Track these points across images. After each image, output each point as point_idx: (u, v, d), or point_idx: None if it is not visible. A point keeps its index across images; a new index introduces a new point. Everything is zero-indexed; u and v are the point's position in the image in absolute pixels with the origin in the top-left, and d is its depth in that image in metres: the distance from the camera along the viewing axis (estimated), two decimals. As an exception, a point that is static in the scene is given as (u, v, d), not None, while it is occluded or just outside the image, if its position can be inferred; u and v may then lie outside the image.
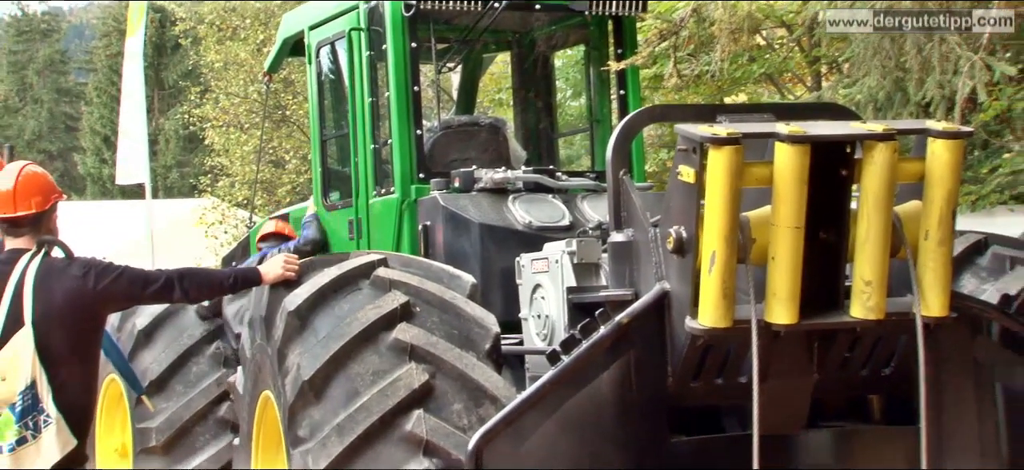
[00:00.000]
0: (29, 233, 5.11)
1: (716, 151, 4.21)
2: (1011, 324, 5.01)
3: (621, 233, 5.08)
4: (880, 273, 4.39)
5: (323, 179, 7.84)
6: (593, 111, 7.99)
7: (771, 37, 13.42)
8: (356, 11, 7.17)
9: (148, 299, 5.66)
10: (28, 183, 5.13)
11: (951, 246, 4.49)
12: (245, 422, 6.02)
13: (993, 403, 4.95)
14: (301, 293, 5.26)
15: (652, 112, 6.05)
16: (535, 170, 7.20)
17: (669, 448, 4.70)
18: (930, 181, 4.40)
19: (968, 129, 4.60)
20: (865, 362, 4.80)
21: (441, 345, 5.02)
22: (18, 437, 4.82)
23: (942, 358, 4.70)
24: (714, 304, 4.32)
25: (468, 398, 4.91)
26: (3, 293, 4.95)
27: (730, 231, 4.28)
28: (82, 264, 5.10)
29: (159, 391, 7.25)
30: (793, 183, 4.24)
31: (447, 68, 8.50)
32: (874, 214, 4.35)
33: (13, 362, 4.84)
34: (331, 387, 4.95)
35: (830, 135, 4.39)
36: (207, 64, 24.51)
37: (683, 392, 4.70)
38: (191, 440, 7.18)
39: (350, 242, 7.26)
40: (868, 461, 4.97)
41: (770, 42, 13.43)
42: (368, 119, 7.12)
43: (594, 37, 7.76)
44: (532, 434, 4.52)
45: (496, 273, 6.37)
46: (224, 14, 22.70)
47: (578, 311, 5.43)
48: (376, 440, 4.81)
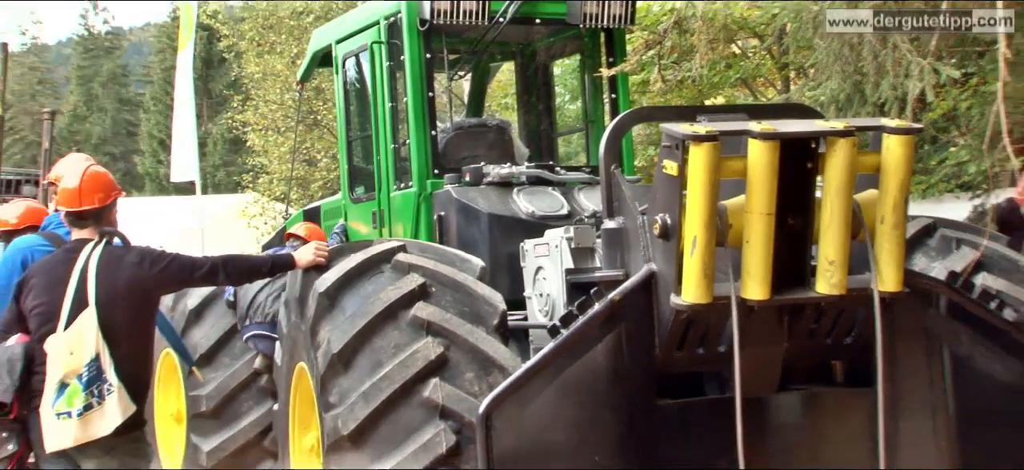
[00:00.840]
0: (92, 225, 5.16)
1: (696, 147, 4.20)
2: (957, 297, 4.98)
3: (613, 221, 5.07)
4: (842, 254, 4.38)
5: (350, 175, 7.83)
6: (588, 113, 7.97)
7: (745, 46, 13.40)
8: (377, 26, 7.15)
9: (196, 283, 5.69)
10: (91, 181, 5.17)
11: (904, 229, 4.49)
12: (283, 390, 6.02)
13: (941, 367, 4.92)
14: (330, 276, 5.26)
15: (640, 113, 6.04)
16: (537, 166, 7.19)
17: (656, 410, 4.67)
18: (885, 172, 4.40)
19: (918, 126, 4.61)
20: (829, 332, 4.78)
21: (454, 321, 5.01)
22: (85, 404, 4.83)
23: (896, 328, 4.68)
24: (696, 282, 4.31)
25: (478, 368, 4.91)
26: (70, 278, 4.96)
27: (709, 218, 4.26)
28: (138, 252, 5.14)
29: (208, 363, 7.26)
30: (765, 175, 4.22)
31: (458, 76, 8.50)
32: (836, 201, 4.34)
33: (80, 338, 4.85)
34: (357, 359, 4.95)
35: (797, 132, 4.37)
36: (248, 75, 24.56)
37: (668, 361, 4.68)
38: (236, 406, 7.19)
39: (374, 230, 7.25)
40: (832, 419, 4.95)
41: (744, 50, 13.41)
42: (389, 122, 7.10)
43: (588, 47, 7.72)
44: (535, 399, 4.51)
45: (503, 257, 6.34)
46: (262, 31, 22.75)
47: (575, 290, 5.43)
48: (398, 405, 4.81)
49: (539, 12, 7.18)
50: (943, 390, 4.91)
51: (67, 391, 4.85)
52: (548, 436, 4.52)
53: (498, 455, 4.40)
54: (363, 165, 7.66)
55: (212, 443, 7.18)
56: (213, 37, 34.92)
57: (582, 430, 4.56)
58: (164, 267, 5.14)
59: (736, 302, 4.33)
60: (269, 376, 7.05)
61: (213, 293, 7.42)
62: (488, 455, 4.39)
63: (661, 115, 6.39)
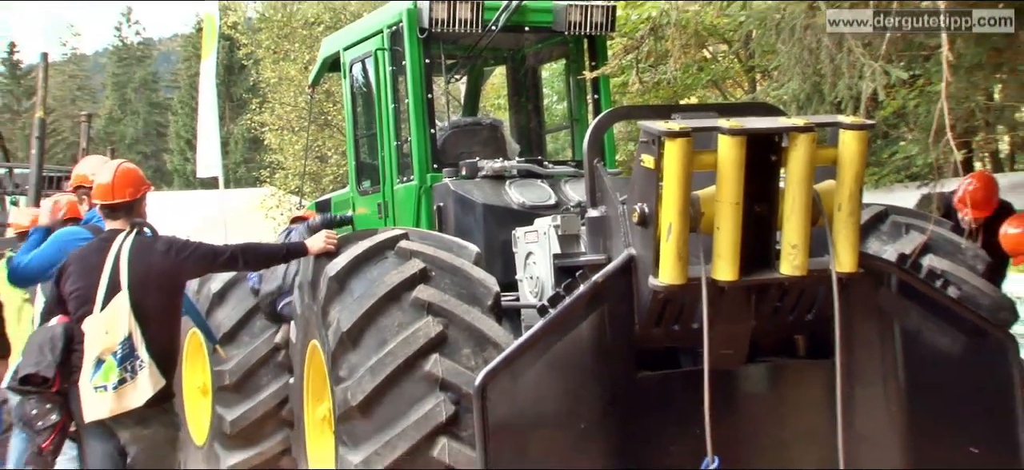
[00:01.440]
0: (123, 217, 5.19)
1: (671, 143, 4.18)
2: (906, 277, 4.97)
3: (596, 210, 5.06)
4: (803, 238, 4.36)
5: (357, 170, 7.79)
6: (572, 112, 7.94)
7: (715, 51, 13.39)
8: (381, 34, 7.11)
9: (218, 268, 5.71)
10: (123, 177, 5.20)
11: (859, 216, 4.47)
12: (298, 366, 5.99)
13: (892, 340, 4.91)
14: (339, 262, 5.23)
15: (619, 112, 6.03)
16: (527, 160, 7.15)
17: (636, 381, 4.66)
18: (841, 164, 4.38)
19: (871, 122, 4.58)
20: (792, 310, 4.76)
21: (452, 302, 4.99)
22: (119, 378, 4.86)
23: (852, 305, 4.66)
24: (671, 265, 4.29)
25: (475, 344, 4.89)
26: (104, 265, 4.98)
27: (683, 206, 4.25)
28: (165, 242, 5.17)
29: (230, 341, 7.23)
30: (733, 167, 4.21)
31: (455, 79, 8.46)
32: (797, 191, 4.32)
33: (114, 319, 4.87)
34: (365, 337, 4.93)
35: (762, 129, 4.35)
36: (265, 80, 24.56)
37: (647, 336, 4.67)
38: (256, 380, 7.16)
39: (379, 220, 7.23)
40: (795, 388, 4.94)
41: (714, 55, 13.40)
42: (392, 121, 7.06)
43: (572, 52, 7.68)
44: (526, 372, 4.49)
45: (496, 244, 6.32)
46: (278, 40, 22.73)
47: (562, 273, 5.40)
48: (401, 378, 4.80)
49: (528, 20, 7.14)
50: (894, 361, 4.90)
51: (103, 367, 4.88)
52: (538, 406, 4.51)
53: (493, 424, 4.39)
54: (369, 161, 7.62)
55: (235, 413, 7.16)
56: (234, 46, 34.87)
57: (569, 400, 4.55)
58: (189, 254, 5.17)
59: (707, 283, 4.32)
60: (286, 352, 7.05)
61: (235, 278, 7.39)
62: (484, 423, 4.38)
63: (639, 113, 6.38)
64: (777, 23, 6.01)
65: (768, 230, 4.48)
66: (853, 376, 4.71)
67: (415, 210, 6.84)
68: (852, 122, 4.38)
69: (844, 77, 5.61)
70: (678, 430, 4.60)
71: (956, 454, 4.88)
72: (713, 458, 4.28)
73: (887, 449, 4.85)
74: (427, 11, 6.73)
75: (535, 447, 4.49)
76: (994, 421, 4.97)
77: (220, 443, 7.30)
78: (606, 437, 4.57)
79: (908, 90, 8.49)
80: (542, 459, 4.49)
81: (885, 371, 4.89)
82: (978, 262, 5.89)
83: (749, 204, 4.29)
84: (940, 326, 4.96)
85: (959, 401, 4.95)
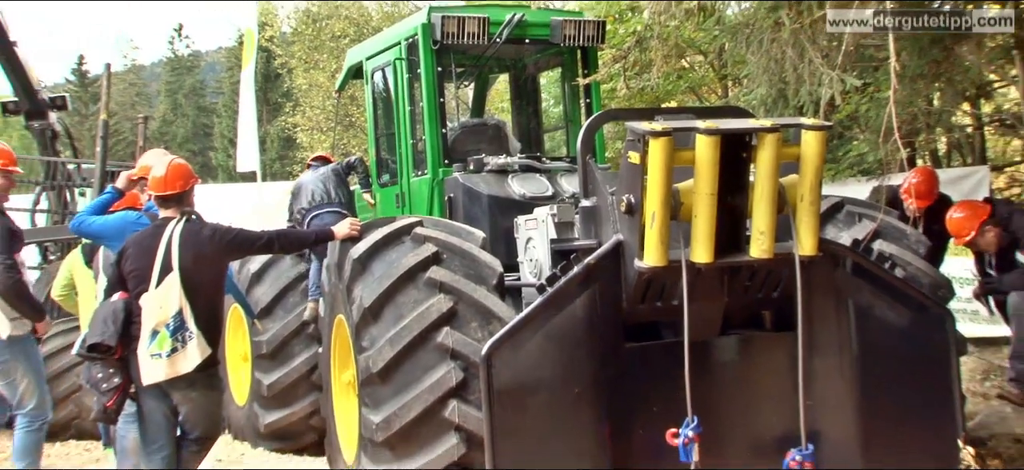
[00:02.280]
0: (174, 206, 5.22)
1: (655, 141, 4.14)
2: (859, 259, 4.94)
3: (588, 200, 5.02)
4: (770, 225, 4.32)
5: (378, 165, 7.73)
6: (567, 113, 7.89)
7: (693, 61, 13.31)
8: (399, 46, 7.05)
9: (256, 252, 5.71)
10: (174, 171, 5.20)
11: (818, 206, 4.43)
12: (326, 337, 5.95)
13: (847, 315, 4.86)
14: (362, 246, 5.19)
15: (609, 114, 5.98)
16: (527, 157, 7.09)
17: (623, 352, 4.61)
18: (803, 161, 4.34)
19: (829, 124, 4.54)
20: (760, 288, 4.71)
21: (461, 281, 4.94)
22: (172, 347, 4.88)
23: (813, 284, 4.61)
24: (655, 249, 4.25)
25: (481, 319, 4.85)
26: (158, 248, 4.98)
27: (665, 197, 4.21)
28: (211, 228, 5.19)
29: (267, 315, 7.22)
30: (708, 163, 4.17)
31: (463, 85, 8.41)
32: (765, 184, 4.28)
33: (166, 296, 4.88)
34: (384, 312, 4.89)
35: (734, 129, 4.30)
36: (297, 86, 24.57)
37: (633, 312, 4.61)
38: (290, 349, 7.14)
39: (397, 209, 7.19)
40: (762, 357, 4.87)
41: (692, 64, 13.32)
42: (408, 122, 7.01)
43: (567, 61, 7.62)
44: (527, 343, 4.45)
45: (500, 230, 6.27)
46: (308, 51, 22.71)
47: (558, 256, 5.36)
48: (416, 348, 4.77)
49: (528, 34, 7.09)
50: (848, 333, 4.86)
51: (158, 337, 4.92)
52: (537, 373, 4.46)
53: (497, 388, 4.36)
54: (388, 157, 7.58)
55: (271, 378, 7.15)
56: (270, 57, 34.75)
57: (564, 367, 4.50)
58: (231, 239, 5.18)
59: (686, 265, 4.29)
60: (315, 325, 7.02)
61: (271, 260, 7.37)
62: (489, 388, 4.35)
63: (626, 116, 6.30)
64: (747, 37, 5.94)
65: (739, 218, 4.44)
66: (813, 347, 4.66)
67: (429, 200, 6.79)
68: (812, 124, 4.35)
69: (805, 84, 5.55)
70: (661, 394, 4.55)
71: (902, 414, 4.85)
72: (692, 418, 4.25)
73: (842, 410, 4.81)
74: (439, 26, 6.68)
75: (534, 409, 4.44)
76: (934, 384, 4.93)
77: (259, 404, 7.29)
78: (597, 400, 4.52)
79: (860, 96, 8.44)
80: (540, 420, 4.44)
81: (841, 342, 4.85)
82: (920, 246, 5.87)
83: (723, 195, 4.25)
84: (888, 302, 4.93)
85: (904, 367, 4.92)
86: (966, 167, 10.40)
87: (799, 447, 4.43)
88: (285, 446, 7.34)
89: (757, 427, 4.73)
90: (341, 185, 7.81)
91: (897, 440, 4.83)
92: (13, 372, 5.59)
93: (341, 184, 7.81)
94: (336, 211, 7.48)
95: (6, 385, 5.62)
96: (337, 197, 7.67)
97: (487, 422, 4.35)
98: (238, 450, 7.54)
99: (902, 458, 4.82)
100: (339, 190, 7.73)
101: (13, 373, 5.61)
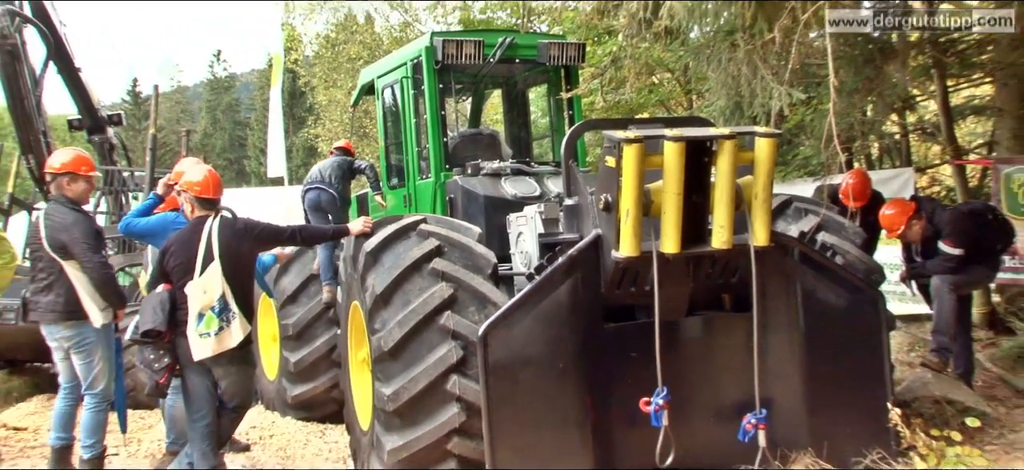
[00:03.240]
0: (210, 207, 5.16)
1: (628, 147, 4.10)
2: (805, 249, 4.90)
3: (571, 199, 4.97)
4: (728, 220, 4.28)
5: (388, 170, 7.65)
6: (553, 124, 7.82)
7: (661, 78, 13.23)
8: (405, 66, 6.97)
9: (282, 243, 5.73)
10: (214, 179, 5.22)
11: (770, 203, 4.39)
12: (343, 320, 5.87)
13: (795, 297, 4.83)
14: (373, 241, 5.11)
15: (589, 124, 5.90)
16: (518, 162, 7.02)
17: (602, 331, 4.56)
18: (757, 164, 4.30)
19: (779, 132, 4.49)
20: (720, 274, 4.67)
21: (461, 271, 4.86)
22: (218, 326, 4.88)
23: (765, 271, 4.57)
24: (629, 241, 4.21)
25: (478, 304, 4.77)
26: (199, 242, 4.96)
27: (638, 196, 4.16)
28: (243, 222, 5.22)
29: (292, 302, 7.14)
30: (675, 166, 4.13)
31: (462, 99, 8.34)
32: (724, 184, 4.25)
33: (210, 282, 4.87)
34: (394, 298, 4.81)
35: (697, 136, 4.26)
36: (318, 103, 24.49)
37: (610, 296, 4.57)
38: (312, 331, 7.07)
39: (405, 208, 7.11)
40: (723, 334, 4.82)
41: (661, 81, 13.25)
42: (414, 132, 6.92)
43: (553, 78, 7.55)
44: (518, 325, 4.40)
45: (494, 226, 6.19)
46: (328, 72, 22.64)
47: (545, 248, 5.31)
48: (422, 330, 4.69)
49: (518, 54, 7.02)
50: (796, 313, 4.83)
51: (205, 319, 4.90)
52: (527, 350, 4.41)
53: (492, 364, 4.31)
54: (396, 162, 7.50)
55: (297, 356, 7.07)
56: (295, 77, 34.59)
57: (551, 345, 4.45)
58: (260, 232, 5.17)
59: (656, 255, 4.24)
60: (334, 310, 6.95)
61: (296, 253, 7.29)
62: (486, 364, 4.31)
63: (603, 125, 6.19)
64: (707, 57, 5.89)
65: (702, 214, 4.39)
66: (766, 325, 4.63)
67: (432, 201, 6.72)
68: (764, 131, 4.31)
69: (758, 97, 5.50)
70: (635, 368, 4.51)
71: (841, 381, 4.82)
72: (662, 388, 4.21)
73: (790, 379, 4.79)
74: (441, 48, 6.61)
75: (525, 382, 4.39)
76: (868, 356, 4.91)
77: (287, 379, 7.22)
78: (579, 374, 4.48)
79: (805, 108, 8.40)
80: (530, 391, 4.39)
81: (789, 320, 4.81)
82: (857, 238, 5.84)
83: (688, 194, 4.22)
84: (829, 286, 4.90)
85: (843, 342, 4.89)
86: (895, 169, 10.37)
87: (754, 412, 4.41)
88: (309, 415, 7.27)
89: (718, 395, 4.68)
90: (342, 176, 7.70)
91: (837, 403, 4.80)
92: (94, 354, 5.50)
93: (342, 176, 7.71)
94: (321, 189, 7.55)
95: (83, 365, 5.49)
96: (330, 181, 7.59)
97: (484, 393, 4.31)
98: (269, 418, 7.48)
99: (841, 419, 4.80)
100: (335, 177, 7.63)
101: (93, 355, 5.50)
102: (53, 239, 5.37)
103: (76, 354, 5.49)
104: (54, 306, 5.40)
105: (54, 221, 5.40)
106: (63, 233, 5.35)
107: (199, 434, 5.12)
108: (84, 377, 5.52)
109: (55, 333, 5.47)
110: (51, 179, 5.53)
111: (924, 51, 7.85)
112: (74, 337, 5.44)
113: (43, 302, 5.43)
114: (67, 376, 5.61)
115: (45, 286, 5.43)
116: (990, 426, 5.84)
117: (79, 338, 5.44)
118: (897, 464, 4.72)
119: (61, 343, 5.49)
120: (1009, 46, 7.22)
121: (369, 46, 21.23)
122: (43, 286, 5.43)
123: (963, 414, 5.74)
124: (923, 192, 10.30)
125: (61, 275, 5.38)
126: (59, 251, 5.36)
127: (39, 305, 5.46)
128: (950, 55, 8.04)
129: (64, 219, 5.39)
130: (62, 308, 5.39)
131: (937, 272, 6.58)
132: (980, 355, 7.50)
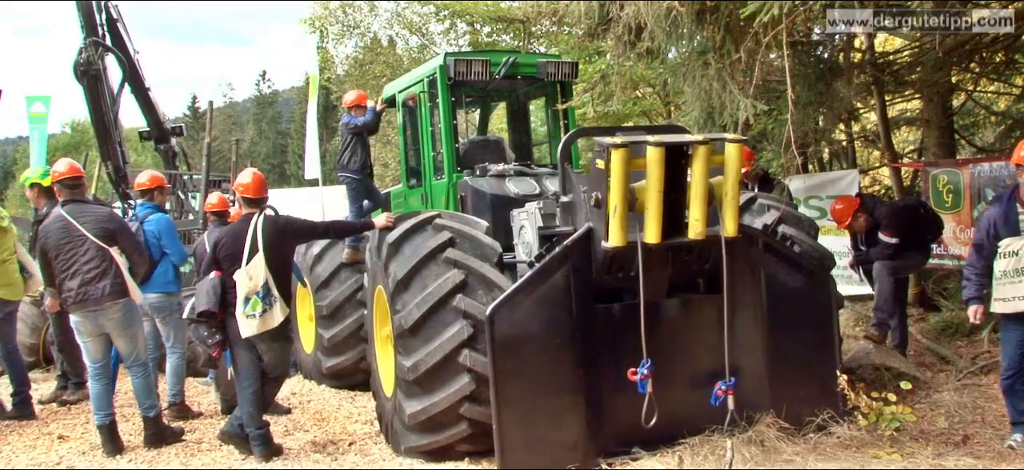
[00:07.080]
0: (256, 206, 5.11)
1: (615, 151, 4.05)
2: (768, 239, 4.85)
3: (566, 197, 4.90)
4: (702, 214, 4.23)
5: (407, 172, 7.57)
6: (550, 131, 7.73)
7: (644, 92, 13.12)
8: (423, 82, 6.88)
9: (316, 237, 5.67)
10: (257, 181, 5.17)
11: (738, 199, 4.35)
12: (369, 303, 5.81)
13: (760, 281, 4.77)
14: (395, 233, 5.05)
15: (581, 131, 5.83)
16: (520, 165, 6.93)
17: (593, 311, 4.50)
18: (727, 166, 4.25)
19: (745, 138, 4.44)
20: (695, 261, 4.61)
21: (471, 259, 4.81)
22: (263, 309, 4.84)
23: (734, 258, 4.52)
24: (616, 233, 4.16)
25: (486, 288, 4.71)
26: (246, 236, 4.92)
27: (624, 194, 4.11)
28: (284, 219, 5.18)
29: (326, 287, 7.08)
30: (657, 168, 4.08)
31: (471, 110, 8.26)
32: (698, 183, 4.20)
33: (255, 270, 4.84)
34: (413, 283, 4.76)
35: (676, 141, 4.20)
36: (349, 115, 24.35)
37: (600, 281, 4.51)
38: (343, 312, 7.00)
39: (423, 205, 7.05)
40: (698, 314, 4.76)
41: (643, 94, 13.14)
42: (430, 138, 6.84)
43: (550, 92, 7.44)
44: (521, 306, 4.34)
45: (500, 220, 6.12)
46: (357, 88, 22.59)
47: (544, 239, 5.24)
48: (438, 310, 4.64)
49: (520, 72, 6.93)
50: (760, 295, 4.77)
51: (251, 302, 4.87)
52: (528, 328, 4.35)
53: (498, 341, 4.26)
54: (415, 165, 7.43)
55: (330, 333, 7.02)
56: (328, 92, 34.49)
57: (549, 324, 4.39)
58: (298, 227, 5.14)
59: (640, 245, 4.20)
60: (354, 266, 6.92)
61: (328, 244, 7.24)
62: (492, 340, 4.25)
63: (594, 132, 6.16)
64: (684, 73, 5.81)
65: (680, 209, 4.34)
66: (734, 305, 4.59)
67: (446, 198, 6.65)
68: (733, 138, 4.26)
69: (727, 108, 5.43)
70: (622, 343, 4.45)
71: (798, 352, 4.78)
72: (647, 360, 4.17)
73: (755, 352, 4.74)
74: (453, 66, 6.53)
75: (527, 355, 4.33)
76: (820, 332, 4.87)
77: (322, 353, 7.18)
78: (574, 348, 4.42)
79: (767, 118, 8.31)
80: (531, 363, 4.34)
81: (755, 301, 4.76)
82: (812, 230, 5.77)
83: (667, 192, 4.16)
84: (788, 271, 4.85)
85: (800, 320, 4.84)
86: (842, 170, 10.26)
87: (724, 379, 4.38)
88: (341, 383, 7.22)
89: (694, 365, 4.62)
90: (350, 150, 7.40)
91: (794, 372, 4.77)
92: (137, 329, 5.46)
93: (350, 149, 7.41)
94: (342, 178, 7.45)
95: (127, 341, 5.37)
96: (345, 164, 7.39)
97: (491, 365, 4.25)
98: (307, 386, 7.45)
99: (798, 384, 4.76)
100: (346, 157, 7.39)
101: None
102: (102, 230, 5.30)
103: (125, 332, 5.35)
104: (110, 289, 5.23)
105: (96, 214, 5.40)
106: (109, 223, 5.39)
107: (246, 399, 5.10)
108: (129, 353, 5.40)
109: (110, 314, 5.28)
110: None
111: (866, 71, 7.79)
112: (124, 317, 5.32)
113: (94, 290, 5.22)
114: (94, 356, 5.40)
115: (97, 274, 5.24)
116: (919, 388, 5.88)
117: (129, 316, 5.34)
118: (843, 422, 4.68)
119: (115, 322, 5.30)
120: (933, 67, 7.18)
121: (391, 65, 21.15)
122: (92, 275, 5.24)
123: (898, 379, 5.76)
124: (866, 190, 10.21)
125: (112, 262, 5.27)
126: (107, 240, 5.30)
127: (89, 294, 5.22)
128: (887, 74, 8.02)
129: (111, 216, 5.46)
130: (117, 290, 5.25)
131: (878, 258, 6.54)
132: (913, 328, 7.48)
